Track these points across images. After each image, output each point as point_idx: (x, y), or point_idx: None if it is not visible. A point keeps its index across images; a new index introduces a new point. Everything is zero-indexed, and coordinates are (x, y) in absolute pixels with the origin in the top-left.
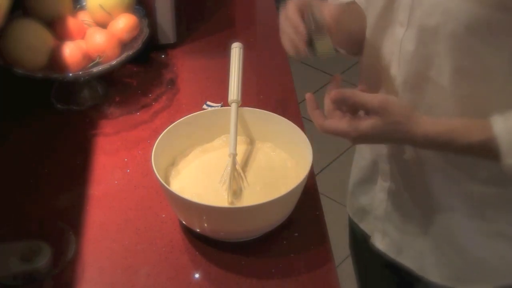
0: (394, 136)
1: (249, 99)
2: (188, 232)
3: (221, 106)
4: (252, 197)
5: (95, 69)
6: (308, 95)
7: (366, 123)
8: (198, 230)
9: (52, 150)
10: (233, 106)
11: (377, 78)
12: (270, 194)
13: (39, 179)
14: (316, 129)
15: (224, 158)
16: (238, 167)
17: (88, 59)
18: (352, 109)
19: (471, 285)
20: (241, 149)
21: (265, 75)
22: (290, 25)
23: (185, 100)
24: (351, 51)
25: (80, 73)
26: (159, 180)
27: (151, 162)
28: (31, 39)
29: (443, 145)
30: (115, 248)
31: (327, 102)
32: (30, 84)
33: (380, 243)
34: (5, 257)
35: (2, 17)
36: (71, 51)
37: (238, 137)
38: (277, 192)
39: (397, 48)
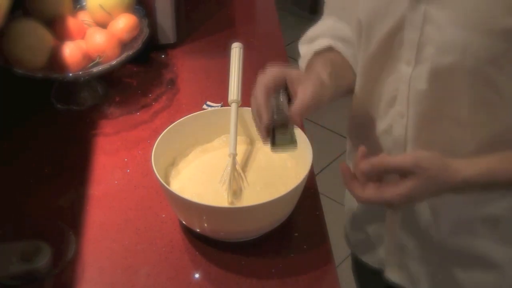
0: (436, 189)
1: (249, 99)
2: (188, 232)
3: (221, 106)
4: (252, 197)
5: (95, 69)
6: (342, 165)
7: (406, 186)
8: (198, 230)
9: (52, 150)
10: (233, 106)
11: (374, 116)
12: (270, 194)
13: (39, 179)
14: (316, 129)
15: (224, 158)
16: (238, 167)
17: (88, 59)
18: (382, 175)
19: None
20: (241, 149)
21: None
22: (255, 107)
23: (185, 100)
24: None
25: (80, 73)
26: (159, 180)
27: (151, 162)
28: (31, 39)
29: (486, 186)
30: (115, 248)
31: (359, 175)
32: (30, 84)
33: (395, 276)
34: (5, 257)
35: (2, 17)
36: (71, 51)
37: (238, 137)
38: (277, 192)
39: (404, 87)
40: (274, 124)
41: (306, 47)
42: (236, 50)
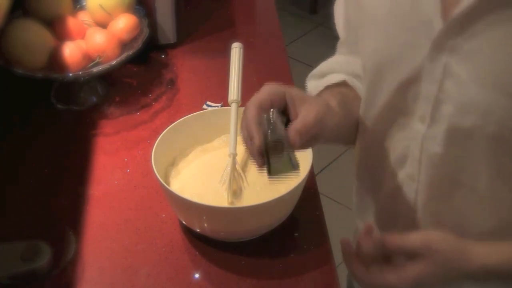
0: (449, 275)
1: (249, 99)
2: (188, 232)
3: (221, 106)
4: (252, 197)
5: (95, 69)
6: (343, 241)
7: (413, 270)
8: (198, 230)
9: (52, 150)
10: (233, 106)
11: (381, 175)
12: (270, 194)
13: (39, 179)
14: None
15: (224, 158)
16: (238, 167)
17: (88, 59)
18: (388, 255)
19: None
20: (241, 149)
21: (265, 75)
22: (245, 127)
23: (185, 100)
24: (342, 143)
25: (80, 73)
26: (159, 180)
27: (151, 162)
28: (31, 39)
29: (506, 275)
30: (115, 248)
31: (363, 255)
32: (30, 84)
33: None
34: (5, 257)
35: (2, 17)
36: (71, 51)
37: (238, 137)
38: (277, 192)
39: (416, 147)
40: (267, 147)
41: (315, 83)
42: (236, 50)
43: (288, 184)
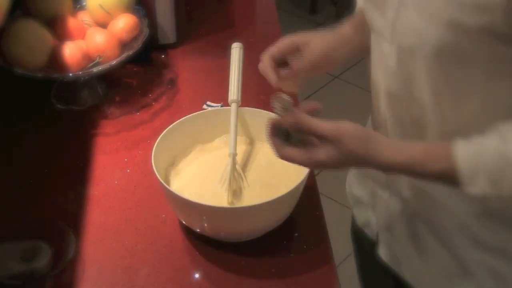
0: (353, 165)
1: (249, 99)
2: (188, 232)
3: (221, 106)
4: (252, 197)
5: (95, 69)
6: (270, 123)
7: (321, 153)
8: (198, 230)
9: (52, 150)
10: (233, 106)
11: (373, 88)
12: (270, 194)
13: (39, 179)
14: None
15: (224, 158)
16: (238, 167)
17: (88, 59)
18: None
19: None
20: (241, 149)
21: None
22: (261, 71)
23: (185, 100)
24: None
25: (80, 73)
26: (159, 180)
27: (151, 162)
28: (31, 39)
29: (403, 173)
30: (115, 248)
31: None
32: (30, 84)
33: (384, 254)
34: (5, 257)
35: (2, 17)
36: (71, 51)
37: (238, 137)
38: (277, 192)
39: (384, 62)
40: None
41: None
42: (236, 50)
43: (288, 184)
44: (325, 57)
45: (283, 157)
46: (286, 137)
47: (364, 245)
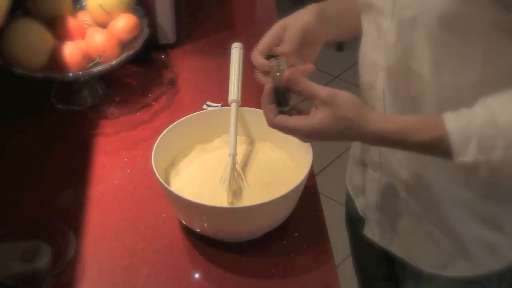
0: (345, 132)
1: (249, 99)
2: (188, 232)
3: (221, 106)
4: (252, 197)
5: (95, 69)
6: (267, 87)
7: (316, 117)
8: (198, 230)
9: (52, 150)
10: (233, 106)
11: (368, 66)
12: (270, 194)
13: (39, 179)
14: None
15: (224, 158)
16: (238, 167)
17: (88, 59)
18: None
19: (459, 271)
20: (241, 149)
21: None
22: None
23: (185, 100)
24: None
25: (80, 73)
26: (159, 180)
27: (151, 162)
28: (31, 39)
29: (395, 144)
30: (115, 248)
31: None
32: (30, 84)
33: (372, 233)
34: (5, 257)
35: (2, 17)
36: (71, 51)
37: (238, 137)
38: (277, 192)
39: (383, 40)
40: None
41: None
42: (236, 50)
43: (288, 184)
44: (305, 33)
45: (275, 125)
46: (280, 107)
47: (360, 233)
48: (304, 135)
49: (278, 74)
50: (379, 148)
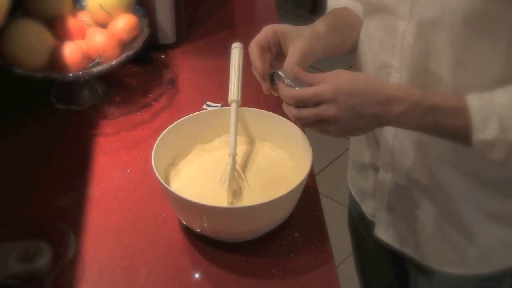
0: (367, 90)
1: (249, 99)
2: (188, 232)
3: (221, 106)
4: (252, 197)
5: (95, 69)
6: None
7: (339, 77)
8: (198, 230)
9: (52, 150)
10: (233, 106)
11: (375, 68)
12: (270, 194)
13: (39, 179)
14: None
15: (224, 158)
16: (238, 167)
17: (88, 59)
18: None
19: (474, 269)
20: (241, 149)
21: None
22: (252, 61)
23: (185, 100)
24: (344, 53)
25: (80, 73)
26: (159, 180)
27: (151, 162)
28: (31, 39)
29: (414, 113)
30: (115, 248)
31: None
32: (30, 84)
33: (383, 234)
34: (5, 257)
35: (2, 17)
36: (71, 51)
37: (238, 137)
38: (277, 192)
39: (399, 41)
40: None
41: (333, 2)
42: (236, 50)
43: (288, 184)
44: (304, 58)
45: (296, 99)
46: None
47: (364, 235)
48: (330, 98)
49: (287, 81)
50: (391, 148)
